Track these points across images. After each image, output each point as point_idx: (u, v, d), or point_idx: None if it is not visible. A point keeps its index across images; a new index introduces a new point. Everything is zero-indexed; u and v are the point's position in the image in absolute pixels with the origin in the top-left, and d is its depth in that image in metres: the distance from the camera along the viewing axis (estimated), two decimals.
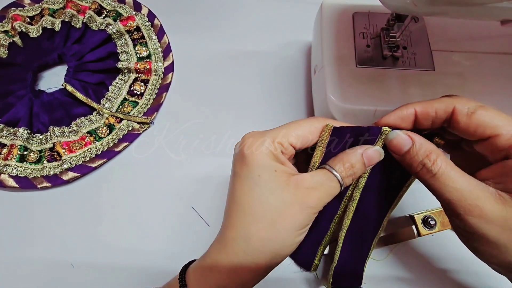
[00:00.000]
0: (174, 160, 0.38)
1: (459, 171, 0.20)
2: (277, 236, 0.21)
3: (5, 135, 0.38)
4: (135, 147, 0.39)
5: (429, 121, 0.22)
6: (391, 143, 0.22)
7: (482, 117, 0.20)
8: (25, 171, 0.36)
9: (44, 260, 0.33)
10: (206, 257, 0.23)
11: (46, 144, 0.38)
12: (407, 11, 0.24)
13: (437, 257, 0.33)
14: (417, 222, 0.33)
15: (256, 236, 0.21)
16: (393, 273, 0.32)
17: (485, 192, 0.19)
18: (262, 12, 0.47)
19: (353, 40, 0.33)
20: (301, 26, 0.43)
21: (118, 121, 0.40)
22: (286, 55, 0.44)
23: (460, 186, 0.19)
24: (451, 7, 0.19)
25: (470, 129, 0.21)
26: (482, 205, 0.19)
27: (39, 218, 0.35)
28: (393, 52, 0.32)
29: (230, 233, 0.22)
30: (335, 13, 0.34)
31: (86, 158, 0.37)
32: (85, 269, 0.33)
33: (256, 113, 0.40)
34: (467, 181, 0.20)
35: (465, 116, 0.21)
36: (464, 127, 0.21)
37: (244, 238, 0.21)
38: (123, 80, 0.42)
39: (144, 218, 0.35)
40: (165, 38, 0.45)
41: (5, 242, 0.34)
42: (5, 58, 0.42)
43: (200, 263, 0.23)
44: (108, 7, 0.46)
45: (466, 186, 0.19)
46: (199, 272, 0.22)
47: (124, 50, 0.43)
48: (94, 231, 0.35)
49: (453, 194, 0.19)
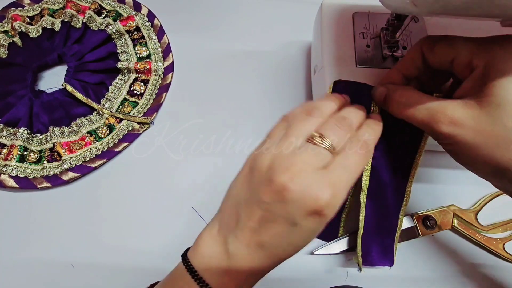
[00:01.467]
0: (174, 160, 0.38)
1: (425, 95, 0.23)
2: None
3: (5, 135, 0.38)
4: (135, 147, 0.39)
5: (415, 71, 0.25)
6: (374, 95, 0.26)
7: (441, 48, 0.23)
8: (25, 171, 0.36)
9: (44, 260, 0.33)
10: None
11: (46, 144, 0.38)
12: (407, 11, 0.24)
13: (437, 257, 0.33)
14: (417, 222, 0.33)
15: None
16: (393, 273, 0.32)
17: (452, 103, 0.21)
18: (262, 12, 0.47)
19: (353, 40, 0.33)
20: (301, 26, 0.43)
21: (118, 121, 0.40)
22: (286, 55, 0.44)
23: (429, 104, 0.22)
24: (451, 7, 0.19)
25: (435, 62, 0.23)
26: (451, 113, 0.21)
27: (39, 218, 0.35)
28: (393, 52, 0.31)
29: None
30: (335, 13, 0.34)
31: (86, 158, 0.37)
32: (85, 269, 0.33)
33: (256, 113, 0.40)
34: (434, 99, 0.22)
35: (431, 53, 0.23)
36: (434, 62, 0.23)
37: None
38: (123, 80, 0.42)
39: (144, 218, 0.35)
40: (165, 38, 0.45)
41: (5, 242, 0.34)
42: (5, 58, 0.42)
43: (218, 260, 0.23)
44: (108, 7, 0.46)
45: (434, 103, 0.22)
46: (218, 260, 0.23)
47: (124, 50, 0.43)
48: (94, 231, 0.35)
49: (424, 112, 0.22)
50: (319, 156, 0.21)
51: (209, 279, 0.22)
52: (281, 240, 0.22)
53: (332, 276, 0.32)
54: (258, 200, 0.21)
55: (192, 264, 0.23)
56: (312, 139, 0.21)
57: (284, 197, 0.20)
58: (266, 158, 0.22)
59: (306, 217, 0.20)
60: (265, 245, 0.22)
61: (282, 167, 0.20)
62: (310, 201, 0.20)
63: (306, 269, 0.32)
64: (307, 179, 0.20)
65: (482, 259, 0.33)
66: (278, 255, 0.23)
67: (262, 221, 0.21)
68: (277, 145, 0.22)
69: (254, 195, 0.21)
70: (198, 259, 0.23)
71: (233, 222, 0.23)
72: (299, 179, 0.20)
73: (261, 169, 0.21)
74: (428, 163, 0.37)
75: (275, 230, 0.21)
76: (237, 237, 0.22)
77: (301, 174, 0.20)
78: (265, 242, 0.22)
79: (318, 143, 0.21)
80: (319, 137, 0.21)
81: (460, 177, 0.36)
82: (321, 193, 0.20)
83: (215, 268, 0.23)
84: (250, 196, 0.22)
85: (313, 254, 0.32)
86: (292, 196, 0.20)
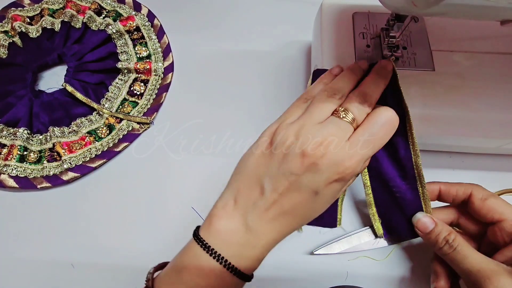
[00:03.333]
0: (174, 160, 0.38)
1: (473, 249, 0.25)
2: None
3: (5, 135, 0.38)
4: (135, 147, 0.39)
5: (450, 198, 0.29)
6: (418, 223, 0.28)
7: (492, 204, 0.27)
8: (25, 171, 0.36)
9: (44, 260, 0.33)
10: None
11: (46, 144, 0.38)
12: (407, 11, 0.24)
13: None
14: None
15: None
16: (393, 273, 0.32)
17: (499, 266, 0.24)
18: (262, 12, 0.47)
19: (353, 40, 0.33)
20: (301, 26, 0.43)
21: (118, 121, 0.40)
22: (286, 55, 0.44)
23: (477, 259, 0.25)
24: (451, 7, 0.19)
25: (482, 212, 0.27)
26: (498, 277, 0.23)
27: (39, 218, 0.35)
28: (393, 52, 0.31)
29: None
30: (335, 13, 0.34)
31: (86, 158, 0.37)
32: (85, 269, 0.33)
33: (256, 113, 0.40)
34: (482, 256, 0.25)
35: (479, 200, 0.27)
36: (478, 209, 0.27)
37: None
38: (123, 80, 0.42)
39: (144, 218, 0.35)
40: (165, 38, 0.45)
41: (5, 242, 0.34)
42: (5, 58, 0.42)
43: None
44: (108, 7, 0.46)
45: (482, 259, 0.25)
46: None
47: (124, 50, 0.43)
48: (94, 231, 0.35)
49: (473, 264, 0.24)
50: (344, 129, 0.23)
51: (226, 254, 0.23)
52: (302, 208, 0.23)
53: (332, 276, 0.32)
54: (286, 172, 0.22)
55: (208, 243, 0.23)
56: (337, 113, 0.23)
57: (316, 168, 0.22)
58: (290, 132, 0.23)
59: (329, 185, 0.22)
60: (285, 215, 0.23)
61: (314, 141, 0.22)
62: (338, 171, 0.22)
63: (306, 269, 0.32)
64: (337, 152, 0.22)
65: None
66: (296, 222, 0.24)
67: (287, 191, 0.22)
68: (300, 119, 0.24)
69: (281, 167, 0.23)
70: (213, 235, 0.23)
71: (252, 196, 0.23)
72: (330, 152, 0.22)
73: (286, 143, 0.23)
74: (428, 163, 0.37)
75: (298, 199, 0.23)
76: (258, 210, 0.23)
77: (331, 146, 0.22)
78: (286, 211, 0.23)
79: (342, 117, 0.23)
80: (343, 112, 0.23)
81: (460, 177, 0.36)
82: (348, 163, 0.22)
83: (233, 243, 0.23)
84: (275, 169, 0.23)
85: (313, 254, 0.32)
86: (323, 167, 0.22)
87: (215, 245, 0.23)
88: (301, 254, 0.33)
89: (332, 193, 0.23)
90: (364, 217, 0.34)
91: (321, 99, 0.24)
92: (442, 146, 0.35)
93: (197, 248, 0.23)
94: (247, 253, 0.23)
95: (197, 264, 0.23)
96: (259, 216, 0.23)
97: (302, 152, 0.22)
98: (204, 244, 0.23)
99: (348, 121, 0.23)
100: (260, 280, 0.32)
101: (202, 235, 0.24)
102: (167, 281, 0.24)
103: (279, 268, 0.32)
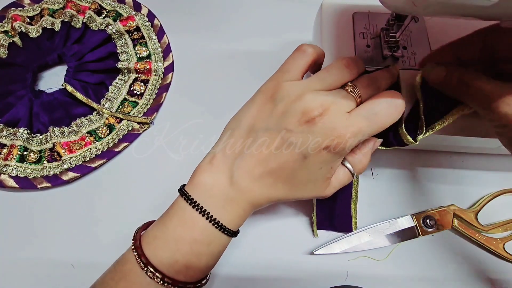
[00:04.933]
0: (174, 160, 0.38)
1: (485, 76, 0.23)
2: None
3: (5, 135, 0.38)
4: (135, 147, 0.39)
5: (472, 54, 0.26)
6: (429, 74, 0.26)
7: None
8: (25, 171, 0.36)
9: (44, 260, 0.33)
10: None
11: (46, 144, 0.38)
12: (407, 11, 0.24)
13: (437, 257, 0.33)
14: (417, 222, 0.33)
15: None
16: (393, 273, 0.32)
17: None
18: (262, 12, 0.47)
19: (353, 40, 0.33)
20: (301, 26, 0.43)
21: (118, 121, 0.40)
22: (286, 55, 0.44)
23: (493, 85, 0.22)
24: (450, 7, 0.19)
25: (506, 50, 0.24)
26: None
27: (39, 218, 0.35)
28: (393, 52, 0.32)
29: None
30: (335, 13, 0.34)
31: (86, 158, 0.37)
32: (85, 269, 0.33)
33: None
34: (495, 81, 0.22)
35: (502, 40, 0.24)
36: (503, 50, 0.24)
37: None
38: (123, 80, 0.42)
39: (144, 218, 0.35)
40: (165, 38, 0.45)
41: (5, 242, 0.34)
42: (5, 58, 0.42)
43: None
44: (108, 7, 0.46)
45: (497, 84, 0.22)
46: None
47: (124, 50, 0.43)
48: (94, 231, 0.35)
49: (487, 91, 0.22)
50: (348, 103, 0.23)
51: (209, 207, 0.23)
52: (288, 169, 0.23)
53: (332, 276, 0.32)
54: (281, 127, 0.23)
55: (192, 196, 0.24)
56: (347, 88, 0.24)
57: (310, 129, 0.22)
58: (294, 90, 0.23)
59: (320, 151, 0.22)
60: (271, 174, 0.23)
61: (316, 102, 0.22)
62: (331, 137, 0.22)
63: (306, 269, 0.32)
64: (335, 118, 0.22)
65: (482, 259, 0.33)
66: (280, 187, 0.24)
67: (277, 148, 0.23)
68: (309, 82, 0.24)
69: (277, 122, 0.23)
70: (197, 189, 0.24)
71: (240, 147, 0.24)
72: (329, 116, 0.22)
73: (289, 99, 0.23)
74: (428, 163, 0.37)
75: (285, 159, 0.23)
76: (244, 163, 0.23)
77: (331, 112, 0.22)
78: (271, 170, 0.23)
79: (350, 91, 0.24)
80: (352, 87, 0.24)
81: (460, 177, 0.36)
82: (343, 132, 0.22)
83: (217, 197, 0.23)
84: (272, 123, 0.23)
85: (313, 254, 0.32)
86: (318, 129, 0.22)
87: (199, 198, 0.23)
88: (301, 254, 0.33)
89: (320, 162, 0.23)
90: (364, 217, 0.34)
91: (337, 67, 0.25)
92: (442, 146, 0.35)
93: (181, 201, 0.24)
94: (230, 208, 0.24)
95: (181, 217, 0.24)
96: (245, 171, 0.23)
97: (302, 110, 0.22)
98: (187, 197, 0.24)
99: (354, 96, 0.24)
100: (260, 280, 0.32)
101: (186, 188, 0.24)
102: (153, 235, 0.24)
103: (279, 268, 0.32)
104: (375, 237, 0.33)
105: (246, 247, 0.33)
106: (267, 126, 0.23)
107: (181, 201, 0.24)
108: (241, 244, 0.33)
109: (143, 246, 0.24)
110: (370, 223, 0.33)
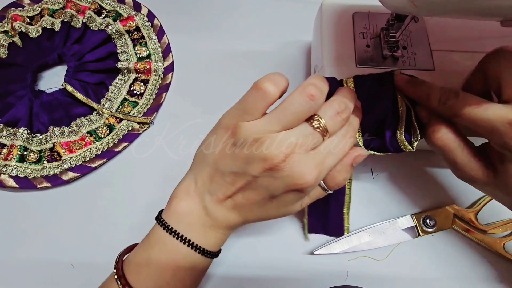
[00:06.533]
0: (174, 160, 0.38)
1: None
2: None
3: (5, 135, 0.38)
4: (135, 147, 0.39)
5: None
6: (430, 95, 0.24)
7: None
8: (25, 171, 0.36)
9: (44, 260, 0.33)
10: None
11: (46, 144, 0.38)
12: (407, 11, 0.24)
13: (437, 257, 0.33)
14: (417, 222, 0.33)
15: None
16: (393, 273, 0.32)
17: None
18: (262, 12, 0.47)
19: (353, 40, 0.33)
20: (301, 26, 0.43)
21: (118, 121, 0.40)
22: (286, 55, 0.44)
23: (492, 105, 0.22)
24: (450, 7, 0.19)
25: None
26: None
27: (39, 218, 0.35)
28: (393, 52, 0.31)
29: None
30: (335, 13, 0.34)
31: (86, 158, 0.37)
32: (85, 269, 0.33)
33: None
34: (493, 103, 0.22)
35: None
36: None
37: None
38: (123, 80, 0.42)
39: (144, 218, 0.35)
40: (164, 38, 0.45)
41: (5, 242, 0.34)
42: (5, 58, 0.42)
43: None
44: (108, 7, 0.46)
45: (497, 105, 0.22)
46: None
47: (124, 50, 0.43)
48: (94, 231, 0.35)
49: (490, 112, 0.21)
50: (313, 139, 0.22)
51: (191, 235, 0.24)
52: (257, 207, 0.23)
53: (332, 276, 0.32)
54: (246, 172, 0.22)
55: (169, 223, 0.24)
56: (312, 123, 0.22)
57: (274, 176, 0.21)
58: (254, 132, 0.22)
59: (287, 192, 0.22)
60: (241, 207, 0.23)
61: (278, 149, 0.21)
62: (297, 180, 0.21)
63: (306, 269, 0.32)
64: (299, 160, 0.21)
65: (482, 259, 0.33)
66: (248, 218, 0.24)
67: (243, 189, 0.23)
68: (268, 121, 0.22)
69: (241, 167, 0.22)
70: (174, 217, 0.24)
71: (209, 182, 0.24)
72: (293, 160, 0.21)
73: (249, 144, 0.22)
74: (428, 163, 0.37)
75: (253, 198, 0.23)
76: (216, 198, 0.23)
77: (295, 156, 0.21)
78: (239, 205, 0.23)
79: (316, 127, 0.22)
80: (317, 122, 0.22)
81: None
82: (309, 174, 0.21)
83: (195, 224, 0.24)
84: (236, 167, 0.22)
85: (313, 254, 0.32)
86: (283, 174, 0.21)
87: (178, 227, 0.24)
88: (301, 254, 0.33)
89: (288, 201, 0.23)
90: (364, 217, 0.34)
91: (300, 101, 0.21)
92: None
93: (160, 230, 0.24)
94: (210, 234, 0.24)
95: (163, 247, 0.24)
96: (216, 204, 0.24)
97: (264, 158, 0.21)
98: (165, 226, 0.24)
99: (320, 131, 0.22)
100: (260, 280, 0.32)
101: (164, 216, 0.25)
102: (135, 263, 0.24)
103: (279, 268, 0.32)
104: (375, 237, 0.33)
105: (246, 247, 0.33)
106: (232, 169, 0.23)
107: (159, 230, 0.24)
108: (241, 244, 0.33)
109: (126, 275, 0.24)
110: (370, 223, 0.33)
